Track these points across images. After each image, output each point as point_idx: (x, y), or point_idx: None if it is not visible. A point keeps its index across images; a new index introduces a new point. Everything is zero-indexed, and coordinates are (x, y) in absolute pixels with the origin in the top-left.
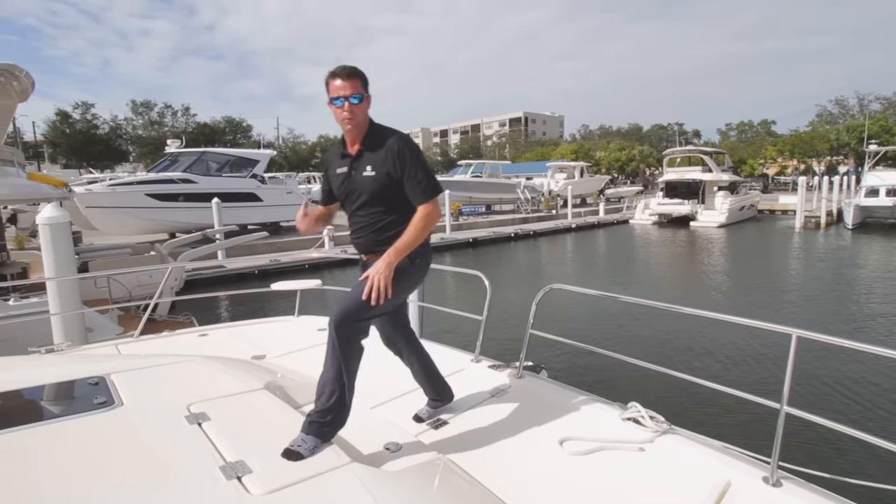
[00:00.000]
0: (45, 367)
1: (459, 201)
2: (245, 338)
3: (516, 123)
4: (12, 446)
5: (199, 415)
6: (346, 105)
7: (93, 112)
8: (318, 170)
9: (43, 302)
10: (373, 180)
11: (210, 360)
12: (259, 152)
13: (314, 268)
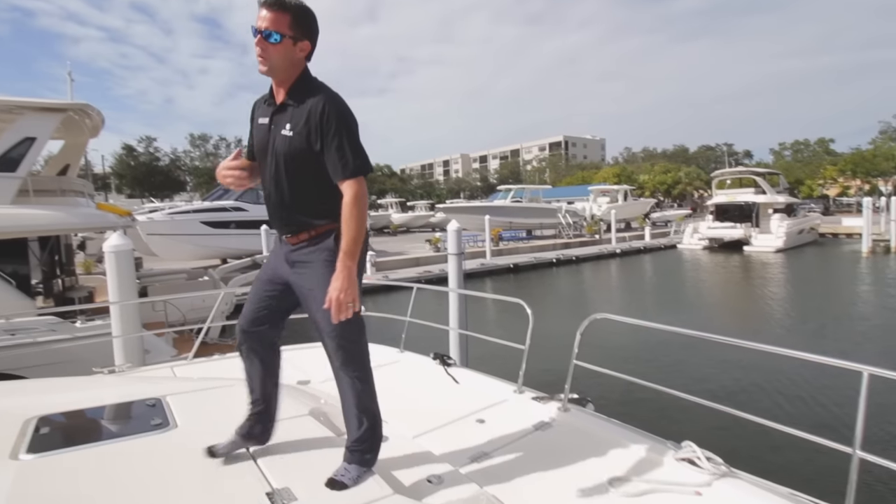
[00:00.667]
0: (106, 387)
1: (499, 226)
2: (290, 362)
3: (556, 147)
4: (75, 464)
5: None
6: (259, 40)
7: (155, 145)
8: None
9: (107, 325)
10: (288, 142)
11: None
12: None
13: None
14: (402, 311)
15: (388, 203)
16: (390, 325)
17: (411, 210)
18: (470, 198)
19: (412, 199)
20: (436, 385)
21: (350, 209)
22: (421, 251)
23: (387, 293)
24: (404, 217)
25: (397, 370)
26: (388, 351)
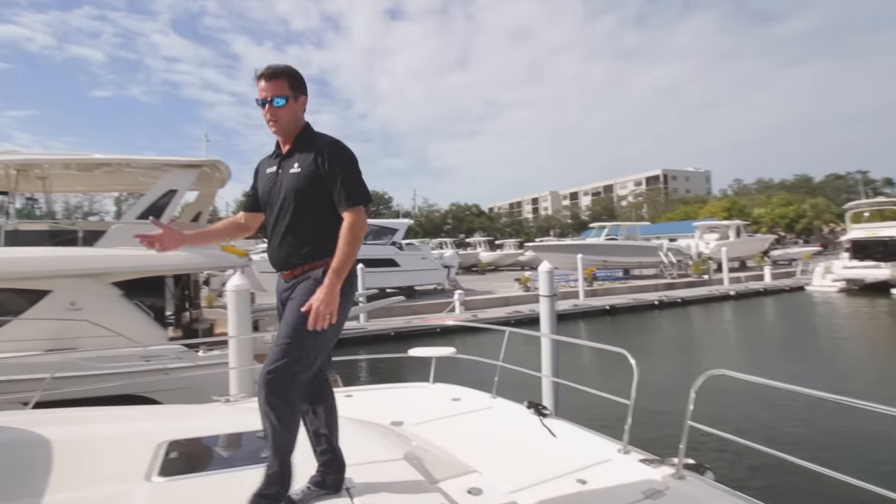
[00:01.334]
0: (224, 416)
1: (593, 265)
2: (384, 402)
3: (654, 182)
4: (200, 490)
5: (346, 479)
6: (268, 108)
7: None
8: (449, 236)
9: (223, 355)
10: (297, 177)
11: (355, 424)
12: (398, 221)
13: (446, 332)
14: (490, 352)
15: (476, 241)
16: (476, 367)
17: (499, 248)
18: (560, 235)
19: (500, 238)
20: (531, 436)
21: (346, 233)
22: (510, 290)
23: (474, 333)
24: (492, 255)
25: (490, 417)
26: (479, 396)
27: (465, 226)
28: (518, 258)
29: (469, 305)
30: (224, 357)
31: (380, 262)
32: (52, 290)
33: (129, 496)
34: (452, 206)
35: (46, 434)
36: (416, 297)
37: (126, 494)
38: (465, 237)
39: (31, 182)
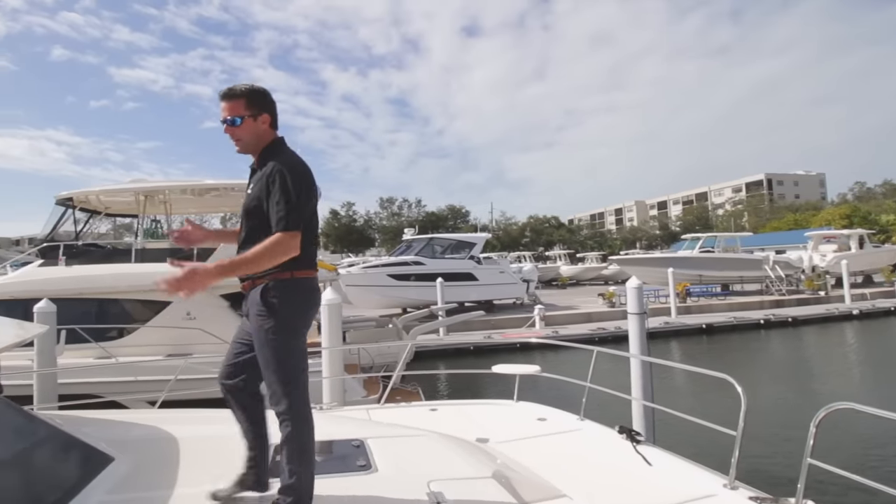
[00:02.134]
0: (321, 423)
1: (686, 280)
2: (469, 418)
3: (756, 187)
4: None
5: (437, 493)
6: (227, 128)
7: (353, 209)
8: (527, 249)
9: (315, 363)
10: (249, 199)
11: (443, 439)
12: (476, 236)
13: (526, 348)
14: (573, 371)
15: (555, 255)
16: (558, 386)
17: (581, 262)
18: (647, 248)
19: (581, 251)
20: (623, 463)
21: (263, 245)
22: (593, 306)
23: (556, 351)
24: (573, 269)
25: (578, 441)
26: (566, 417)
27: (544, 238)
28: (601, 272)
29: (550, 321)
30: (315, 366)
31: (458, 276)
32: (172, 302)
33: (242, 494)
34: (530, 218)
35: (175, 432)
36: (494, 311)
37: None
38: (544, 250)
39: (156, 206)
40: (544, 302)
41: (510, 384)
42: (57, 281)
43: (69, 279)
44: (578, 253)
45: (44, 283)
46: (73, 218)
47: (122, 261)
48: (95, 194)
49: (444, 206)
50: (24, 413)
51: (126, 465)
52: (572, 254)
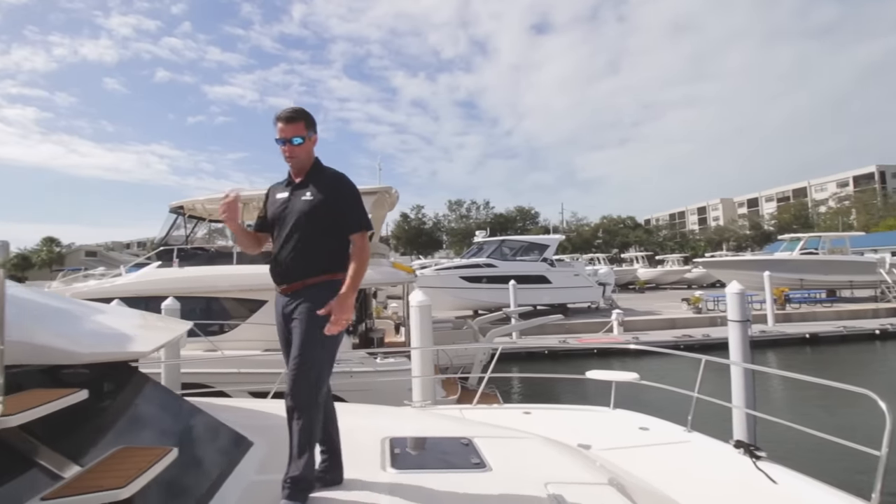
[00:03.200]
0: (423, 419)
1: (785, 285)
2: (565, 423)
3: (865, 181)
4: (428, 484)
5: (556, 496)
6: (287, 146)
7: (422, 212)
8: (601, 251)
9: (398, 363)
10: (310, 204)
11: (550, 442)
12: (549, 238)
13: (603, 354)
14: (658, 379)
15: (632, 257)
16: (649, 394)
17: (660, 264)
18: (737, 249)
19: (661, 253)
20: (742, 481)
21: (360, 253)
22: (676, 311)
23: (636, 357)
24: (652, 272)
25: (687, 453)
26: (671, 428)
27: (619, 240)
28: (684, 275)
29: (629, 327)
30: (397, 365)
31: (530, 278)
32: (267, 301)
33: (375, 481)
34: (604, 219)
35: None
36: (569, 315)
37: (373, 479)
38: (619, 252)
39: (251, 212)
40: (622, 307)
41: (587, 389)
42: (174, 281)
43: (184, 279)
44: (657, 255)
45: (164, 282)
46: (184, 224)
47: (224, 263)
48: (201, 203)
49: (513, 208)
50: (179, 399)
51: (263, 448)
52: (651, 256)
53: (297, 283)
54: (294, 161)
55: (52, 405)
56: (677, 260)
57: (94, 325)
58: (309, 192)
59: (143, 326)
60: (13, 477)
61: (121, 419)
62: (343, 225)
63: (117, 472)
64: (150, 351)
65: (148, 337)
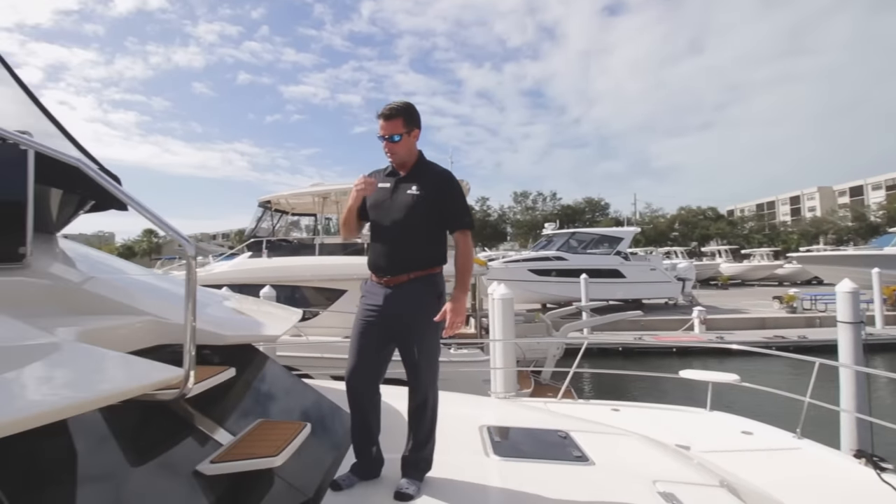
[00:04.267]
0: (514, 410)
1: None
2: (659, 423)
3: None
4: (532, 474)
5: (668, 495)
6: (386, 144)
7: (487, 203)
8: (677, 244)
9: (471, 353)
10: (416, 198)
11: (649, 440)
12: (623, 230)
13: (683, 353)
14: (746, 382)
15: (714, 251)
16: (740, 396)
17: (746, 259)
18: (836, 243)
19: (747, 246)
20: (865, 495)
21: (467, 253)
22: (766, 310)
23: (720, 357)
24: (737, 267)
25: (798, 461)
26: (778, 434)
27: (698, 232)
28: (774, 271)
29: (712, 325)
30: (470, 356)
31: (602, 272)
32: (346, 290)
33: (482, 467)
34: (681, 209)
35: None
36: (644, 311)
37: (480, 465)
38: (699, 245)
39: (329, 206)
40: (704, 304)
41: (665, 389)
42: (264, 270)
43: (273, 269)
44: (743, 249)
45: (256, 271)
46: (270, 217)
47: (307, 254)
48: (285, 197)
49: (581, 199)
50: (297, 378)
51: None
52: (735, 249)
53: (402, 275)
54: (394, 157)
55: (213, 380)
56: (766, 254)
57: (229, 310)
58: (415, 186)
59: (268, 312)
60: (186, 440)
61: (254, 394)
62: (447, 222)
63: (265, 442)
64: (282, 334)
65: (277, 321)
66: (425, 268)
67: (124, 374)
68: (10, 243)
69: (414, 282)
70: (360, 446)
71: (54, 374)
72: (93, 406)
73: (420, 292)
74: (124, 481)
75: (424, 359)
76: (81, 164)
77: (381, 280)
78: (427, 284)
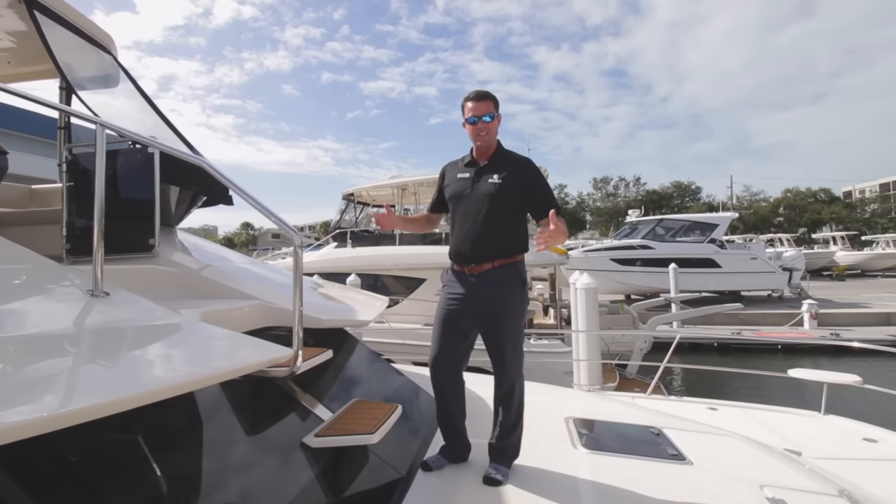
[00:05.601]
0: (600, 402)
1: None
2: (763, 424)
3: None
4: (623, 469)
5: (778, 501)
6: (480, 123)
7: (565, 191)
8: (781, 230)
9: (551, 344)
10: (498, 187)
11: (753, 442)
12: (717, 216)
13: (789, 350)
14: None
15: (827, 237)
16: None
17: (868, 246)
18: None
19: (869, 232)
20: None
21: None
22: (892, 304)
23: (833, 356)
24: (856, 256)
25: None
26: None
27: (808, 217)
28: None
29: (825, 320)
30: (552, 347)
31: (694, 261)
32: (426, 279)
33: (570, 458)
34: (787, 192)
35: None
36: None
37: (568, 456)
38: (808, 231)
39: (408, 197)
40: (815, 297)
41: (764, 388)
42: (349, 259)
43: (356, 258)
44: (864, 235)
45: (341, 260)
46: (353, 209)
47: (388, 244)
48: (366, 190)
49: (668, 183)
50: (385, 361)
51: None
52: (854, 236)
53: (486, 263)
54: (484, 139)
55: (315, 360)
56: (892, 241)
57: (323, 296)
58: (497, 174)
59: (358, 299)
60: (292, 414)
61: (347, 375)
62: (532, 210)
63: (362, 420)
64: (373, 319)
65: (367, 308)
66: (509, 255)
67: (245, 352)
68: (142, 236)
69: (498, 269)
70: (447, 431)
71: (189, 351)
72: (221, 378)
73: (505, 280)
74: (243, 447)
75: (510, 346)
76: (205, 164)
77: (464, 269)
78: (511, 272)
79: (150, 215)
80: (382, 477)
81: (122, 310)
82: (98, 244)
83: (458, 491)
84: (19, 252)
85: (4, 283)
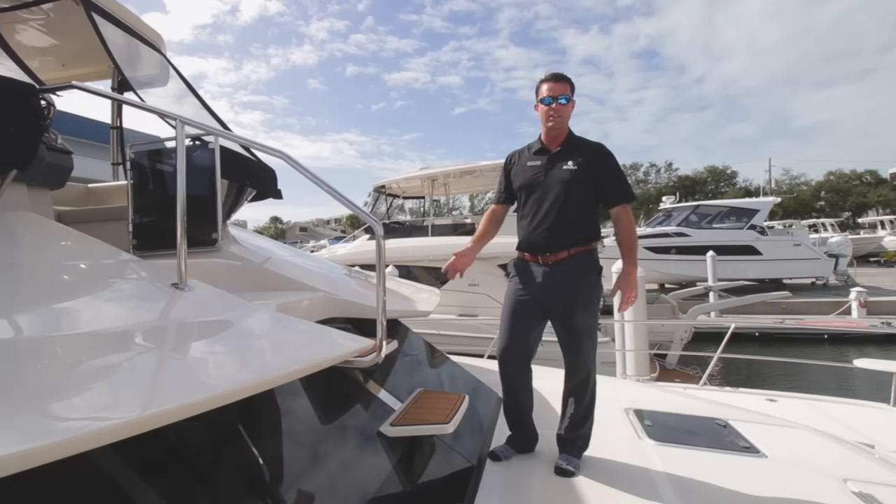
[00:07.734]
0: (659, 394)
1: None
2: (828, 416)
3: None
4: (691, 461)
5: (866, 496)
6: (555, 104)
7: None
8: (824, 214)
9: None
10: (573, 174)
11: (826, 435)
12: (758, 201)
13: (836, 339)
14: None
15: (874, 222)
16: None
17: None
18: None
19: None
20: None
21: (630, 229)
22: None
23: (883, 346)
24: None
25: None
26: None
27: (853, 201)
28: None
29: (874, 309)
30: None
31: (732, 248)
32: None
33: (639, 450)
34: (830, 175)
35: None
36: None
37: (636, 448)
38: (853, 216)
39: (437, 188)
40: (863, 284)
41: (811, 379)
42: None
43: (389, 249)
44: None
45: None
46: (385, 200)
47: (419, 235)
48: (397, 182)
49: (703, 168)
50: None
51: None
52: None
53: (562, 252)
54: (558, 121)
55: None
56: None
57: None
58: (571, 161)
59: (415, 291)
60: (366, 404)
61: (408, 366)
62: (605, 196)
63: (432, 410)
64: (432, 310)
65: (424, 300)
66: (585, 243)
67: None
68: (206, 230)
69: (575, 258)
70: (515, 422)
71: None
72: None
73: (582, 268)
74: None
75: (587, 335)
76: (286, 157)
77: (536, 258)
78: (588, 259)
79: (212, 210)
80: (454, 466)
81: (210, 302)
82: (182, 239)
83: (531, 482)
84: (103, 248)
85: (94, 277)
